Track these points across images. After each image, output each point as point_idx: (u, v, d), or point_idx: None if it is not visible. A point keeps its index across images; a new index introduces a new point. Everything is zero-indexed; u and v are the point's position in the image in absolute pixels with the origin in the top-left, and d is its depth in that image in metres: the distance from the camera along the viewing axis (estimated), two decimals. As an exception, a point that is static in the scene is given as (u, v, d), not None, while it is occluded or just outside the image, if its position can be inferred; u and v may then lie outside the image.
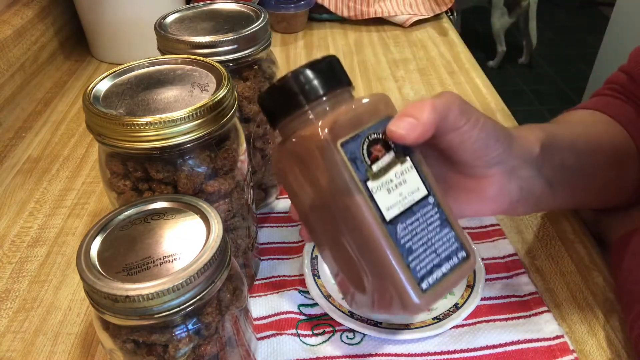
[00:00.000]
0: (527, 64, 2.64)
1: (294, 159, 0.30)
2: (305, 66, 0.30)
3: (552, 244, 0.47)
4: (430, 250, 0.30)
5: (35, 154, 0.62)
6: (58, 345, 0.41)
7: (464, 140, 0.32)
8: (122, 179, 0.34)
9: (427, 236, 0.30)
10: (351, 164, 0.28)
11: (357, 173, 0.28)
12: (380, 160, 0.29)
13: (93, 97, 0.33)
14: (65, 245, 0.50)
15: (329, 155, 0.28)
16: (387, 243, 0.29)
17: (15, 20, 0.71)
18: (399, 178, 0.30)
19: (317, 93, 0.30)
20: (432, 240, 0.30)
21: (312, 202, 0.31)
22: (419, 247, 0.30)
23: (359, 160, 0.29)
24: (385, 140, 0.30)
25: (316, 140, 0.28)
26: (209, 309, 0.29)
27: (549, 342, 0.38)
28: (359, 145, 0.29)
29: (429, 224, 0.30)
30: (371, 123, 0.30)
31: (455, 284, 0.31)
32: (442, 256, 0.30)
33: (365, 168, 0.29)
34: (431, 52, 0.83)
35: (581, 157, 0.41)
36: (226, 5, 0.48)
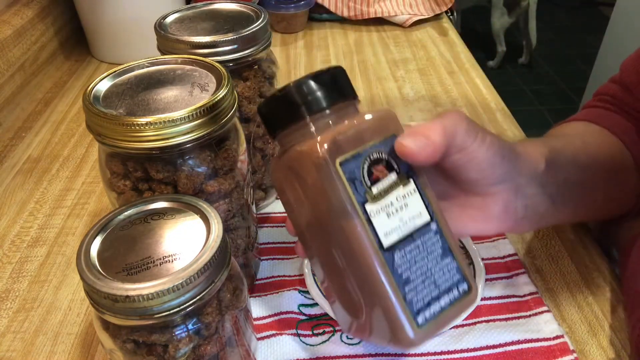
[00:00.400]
0: (527, 64, 2.64)
1: (291, 172, 0.29)
2: (308, 76, 0.28)
3: (552, 244, 0.47)
4: (429, 281, 0.28)
5: (35, 154, 0.62)
6: (58, 345, 0.41)
7: (471, 159, 0.31)
8: (122, 179, 0.34)
9: (427, 266, 0.28)
10: (349, 185, 0.27)
11: (355, 194, 0.27)
12: (382, 181, 0.28)
13: (93, 97, 0.33)
14: (65, 245, 0.50)
15: (326, 173, 0.27)
16: (383, 271, 0.27)
17: (15, 20, 0.71)
18: (400, 202, 0.28)
19: (319, 105, 0.28)
20: (431, 271, 0.28)
21: (308, 219, 0.30)
22: (417, 277, 0.28)
23: (358, 180, 0.27)
24: (389, 161, 0.28)
25: (314, 157, 0.27)
26: (209, 309, 0.29)
27: (549, 342, 0.38)
28: (359, 165, 0.27)
29: (430, 253, 0.28)
30: (375, 141, 0.28)
31: (453, 319, 0.29)
32: (441, 288, 0.28)
33: (364, 190, 0.27)
34: (431, 52, 0.83)
35: (582, 171, 0.40)
36: (226, 5, 0.48)
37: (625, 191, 0.45)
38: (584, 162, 0.41)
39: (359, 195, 0.27)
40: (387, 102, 0.70)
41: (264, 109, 0.31)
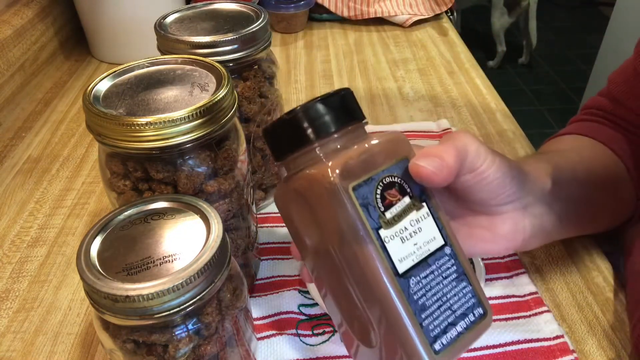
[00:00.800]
0: (527, 64, 2.64)
1: (299, 197, 0.28)
2: (316, 100, 0.28)
3: (552, 244, 0.47)
4: (445, 306, 0.27)
5: (35, 154, 0.62)
6: (58, 345, 0.41)
7: (480, 180, 0.31)
8: (122, 179, 0.34)
9: (442, 291, 0.27)
10: (363, 210, 0.26)
11: (368, 220, 0.26)
12: (395, 206, 0.27)
13: (93, 97, 0.33)
14: (65, 245, 0.50)
15: (338, 199, 0.26)
16: (399, 299, 0.26)
17: (15, 20, 0.71)
18: (414, 226, 0.27)
19: (328, 129, 0.27)
20: (447, 296, 0.28)
21: (316, 246, 0.29)
22: (433, 303, 0.27)
23: (371, 206, 0.26)
24: (401, 184, 0.28)
25: (325, 182, 0.26)
26: (209, 309, 0.29)
27: (549, 342, 0.38)
28: (372, 190, 0.26)
29: (445, 277, 0.28)
30: (386, 165, 0.27)
31: (469, 344, 0.28)
32: (457, 313, 0.28)
33: (378, 215, 0.26)
34: (431, 52, 0.83)
35: (582, 186, 0.41)
36: (226, 5, 0.48)
37: (620, 201, 0.46)
38: (582, 176, 0.41)
39: (372, 221, 0.26)
40: (387, 102, 0.70)
41: (271, 133, 0.30)
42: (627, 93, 0.48)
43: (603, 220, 0.46)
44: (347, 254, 0.27)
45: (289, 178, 0.29)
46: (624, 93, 0.48)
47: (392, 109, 0.69)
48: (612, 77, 0.50)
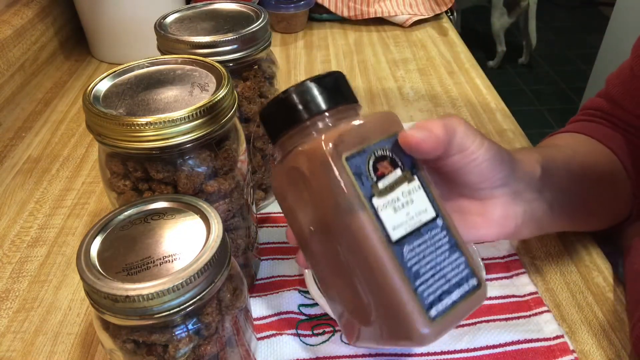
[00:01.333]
0: (526, 64, 2.64)
1: (293, 174, 0.29)
2: (309, 80, 0.29)
3: (552, 244, 0.47)
4: (439, 275, 0.28)
5: (35, 154, 0.62)
6: (58, 345, 0.41)
7: (470, 162, 0.32)
8: (122, 179, 0.34)
9: (436, 260, 0.28)
10: (356, 179, 0.27)
11: (361, 189, 0.27)
12: (387, 177, 0.28)
13: (93, 97, 0.33)
14: (65, 245, 0.50)
15: (332, 169, 0.26)
16: (393, 265, 0.26)
17: (15, 20, 0.71)
18: (406, 197, 0.28)
19: (319, 108, 0.29)
20: (441, 265, 0.28)
21: (311, 224, 0.29)
22: (427, 271, 0.27)
23: (364, 175, 0.27)
24: (393, 158, 0.28)
25: (319, 154, 0.27)
26: (209, 309, 0.29)
27: (549, 342, 0.38)
28: (364, 161, 0.27)
29: (437, 248, 0.28)
30: (378, 139, 0.28)
31: (465, 315, 0.28)
32: (452, 282, 0.28)
33: (370, 184, 0.27)
34: (431, 52, 0.83)
35: (575, 178, 0.41)
36: (226, 5, 0.48)
37: (617, 199, 0.46)
38: (576, 169, 0.41)
39: (365, 190, 0.27)
40: (387, 102, 0.70)
41: (265, 114, 0.31)
42: (624, 94, 0.48)
43: (600, 217, 0.46)
44: (341, 223, 0.27)
45: (284, 157, 0.29)
46: (621, 94, 0.48)
47: (392, 109, 0.68)
48: (610, 79, 0.50)
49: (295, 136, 0.29)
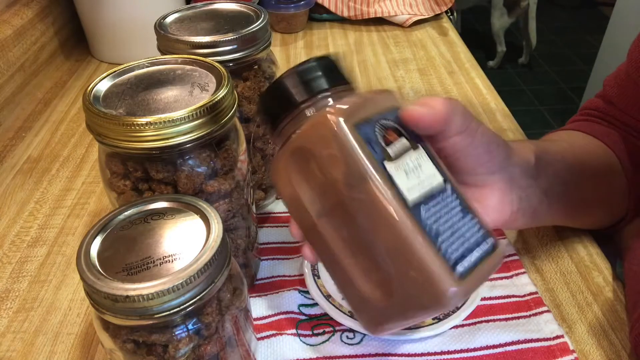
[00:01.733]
0: (526, 64, 2.64)
1: (298, 156, 0.28)
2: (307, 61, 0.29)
3: (552, 244, 0.47)
4: (457, 234, 0.27)
5: (35, 154, 0.62)
6: (58, 345, 0.41)
7: (467, 144, 0.32)
8: (122, 179, 0.34)
9: (452, 220, 0.27)
10: (367, 145, 0.26)
11: (374, 154, 0.26)
12: (395, 144, 0.28)
13: (93, 97, 0.33)
14: (65, 245, 0.50)
15: (342, 138, 0.26)
16: (413, 226, 0.26)
17: (15, 20, 0.71)
18: (414, 163, 0.28)
19: (320, 87, 0.29)
20: (457, 225, 0.27)
21: (321, 205, 0.29)
22: (447, 229, 0.27)
23: (373, 142, 0.27)
24: (397, 128, 0.28)
25: (328, 125, 0.26)
26: (209, 309, 0.29)
27: (549, 342, 0.38)
28: (372, 129, 0.27)
29: (451, 209, 0.28)
30: (381, 111, 0.28)
31: (488, 275, 0.28)
32: (471, 241, 0.27)
33: (381, 149, 0.27)
34: (431, 52, 0.83)
35: (570, 169, 0.41)
36: (226, 5, 0.48)
37: (613, 193, 0.46)
38: (571, 161, 0.42)
39: (377, 154, 0.26)
40: (387, 102, 0.70)
41: (264, 102, 0.31)
42: (620, 96, 0.49)
43: (596, 211, 0.46)
44: (357, 193, 0.26)
45: (286, 142, 0.29)
46: (618, 96, 0.49)
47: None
48: (607, 81, 0.51)
49: (296, 119, 0.29)
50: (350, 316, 0.40)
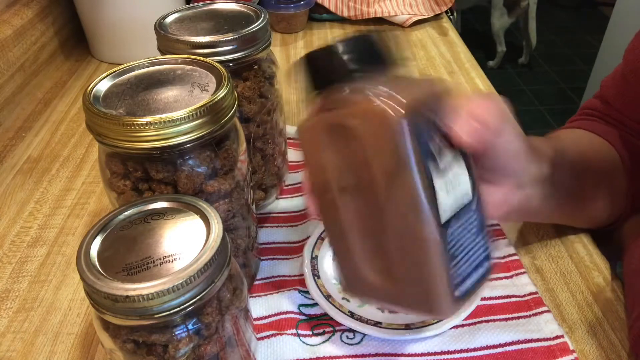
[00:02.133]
0: (526, 64, 2.64)
1: (340, 131, 0.27)
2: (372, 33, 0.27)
3: (552, 244, 0.47)
4: (467, 257, 0.28)
5: (35, 154, 0.62)
6: (58, 345, 0.41)
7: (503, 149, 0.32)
8: (122, 179, 0.34)
9: (467, 242, 0.28)
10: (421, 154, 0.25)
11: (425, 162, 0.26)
12: (445, 156, 0.27)
13: (93, 97, 0.33)
14: (65, 245, 0.50)
15: (401, 139, 0.25)
16: (438, 246, 0.26)
17: (15, 20, 0.71)
18: (455, 179, 0.28)
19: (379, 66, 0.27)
20: (469, 247, 0.28)
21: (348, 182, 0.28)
22: (460, 253, 0.28)
23: (426, 149, 0.26)
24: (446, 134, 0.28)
25: (388, 120, 0.25)
26: (209, 309, 0.29)
27: (549, 342, 0.38)
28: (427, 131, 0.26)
29: (469, 231, 0.28)
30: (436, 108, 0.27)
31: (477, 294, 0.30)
32: (474, 264, 0.29)
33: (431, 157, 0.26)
34: (431, 52, 0.83)
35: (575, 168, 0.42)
36: (226, 5, 0.48)
37: (615, 191, 0.46)
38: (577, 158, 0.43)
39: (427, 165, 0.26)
40: (387, 102, 0.70)
41: (315, 57, 0.28)
42: (616, 96, 0.49)
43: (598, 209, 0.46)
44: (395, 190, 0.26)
45: (329, 111, 0.28)
46: (614, 96, 0.50)
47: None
48: (605, 82, 0.52)
49: (348, 91, 0.27)
50: (350, 316, 0.40)
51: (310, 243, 0.46)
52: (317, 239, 0.47)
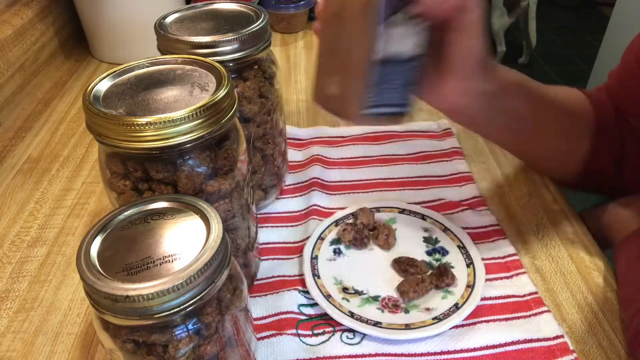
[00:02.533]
0: (526, 64, 2.64)
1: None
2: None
3: (552, 244, 0.47)
4: (385, 93, 0.36)
5: (35, 154, 0.62)
6: (58, 345, 0.41)
7: (468, 47, 0.36)
8: (122, 179, 0.34)
9: (390, 84, 0.36)
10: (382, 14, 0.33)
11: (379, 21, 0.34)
12: (400, 22, 0.35)
13: (93, 97, 0.33)
14: (65, 245, 0.50)
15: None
16: (367, 72, 0.34)
17: (15, 20, 0.71)
18: (401, 39, 0.35)
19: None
20: (390, 88, 0.36)
21: (337, 9, 0.36)
22: (381, 86, 0.36)
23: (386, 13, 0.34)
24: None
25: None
26: (209, 309, 0.29)
27: (549, 342, 0.38)
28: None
29: (396, 78, 0.36)
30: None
31: (384, 123, 0.44)
32: (388, 102, 0.37)
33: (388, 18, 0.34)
34: (431, 52, 0.83)
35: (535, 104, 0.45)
36: (226, 5, 0.48)
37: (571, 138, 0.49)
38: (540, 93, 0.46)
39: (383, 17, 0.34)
40: (387, 102, 0.70)
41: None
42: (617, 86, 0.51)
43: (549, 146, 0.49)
44: (355, 27, 0.35)
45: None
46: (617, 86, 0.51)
47: None
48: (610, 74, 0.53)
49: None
50: (350, 316, 0.40)
51: (310, 243, 0.46)
52: (317, 239, 0.47)
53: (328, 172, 0.56)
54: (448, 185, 0.54)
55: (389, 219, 0.50)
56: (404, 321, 0.40)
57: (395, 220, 0.50)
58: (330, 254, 0.46)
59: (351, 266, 0.45)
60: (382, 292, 0.43)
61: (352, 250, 0.47)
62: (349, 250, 0.47)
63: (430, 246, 0.47)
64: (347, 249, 0.47)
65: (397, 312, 0.41)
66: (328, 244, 0.47)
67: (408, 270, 0.44)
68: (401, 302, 0.42)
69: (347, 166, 0.57)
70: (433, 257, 0.46)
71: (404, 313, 0.41)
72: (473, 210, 0.51)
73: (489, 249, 0.46)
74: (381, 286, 0.43)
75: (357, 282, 0.44)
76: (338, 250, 0.47)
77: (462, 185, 0.54)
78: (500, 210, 0.51)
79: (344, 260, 0.46)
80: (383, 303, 0.42)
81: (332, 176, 0.56)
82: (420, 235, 0.48)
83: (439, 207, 0.51)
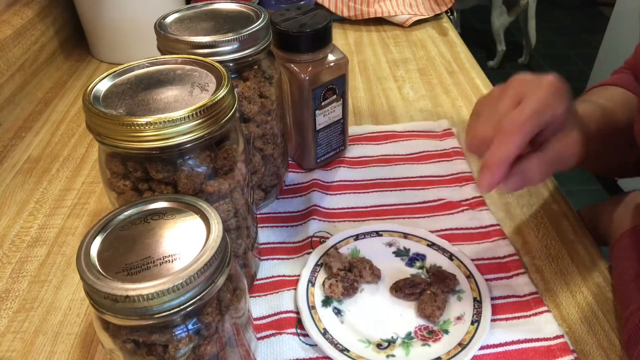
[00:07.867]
0: (526, 63, 2.64)
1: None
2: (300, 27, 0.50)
3: (552, 244, 0.47)
4: (328, 145, 0.56)
5: (35, 154, 0.62)
6: (58, 345, 0.41)
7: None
8: (122, 179, 0.34)
9: (331, 138, 0.56)
10: (313, 100, 0.51)
11: (313, 106, 0.52)
12: (328, 100, 0.53)
13: (93, 97, 0.33)
14: (65, 245, 0.50)
15: (306, 92, 0.51)
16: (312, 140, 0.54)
17: (15, 20, 0.71)
18: (332, 110, 0.54)
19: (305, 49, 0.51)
20: (332, 141, 0.56)
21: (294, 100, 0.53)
22: (325, 142, 0.56)
23: (318, 99, 0.52)
24: (334, 88, 0.52)
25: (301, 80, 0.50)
26: (209, 309, 0.29)
27: (549, 342, 0.38)
28: (320, 93, 0.51)
29: (334, 132, 0.56)
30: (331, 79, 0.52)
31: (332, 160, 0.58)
32: (332, 149, 0.57)
33: (318, 104, 0.52)
34: (431, 51, 0.83)
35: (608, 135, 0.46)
36: (226, 5, 0.48)
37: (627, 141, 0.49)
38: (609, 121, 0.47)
39: (315, 105, 0.52)
40: (387, 102, 0.70)
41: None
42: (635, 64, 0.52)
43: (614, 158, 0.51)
44: (299, 112, 0.53)
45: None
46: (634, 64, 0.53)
47: (392, 109, 0.69)
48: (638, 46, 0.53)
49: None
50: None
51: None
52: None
53: (328, 172, 0.56)
54: (448, 185, 0.54)
55: (351, 251, 0.46)
56: (456, 341, 0.38)
57: (357, 250, 0.46)
58: (332, 317, 0.41)
59: (363, 319, 0.41)
60: (407, 326, 0.40)
61: (348, 302, 0.42)
62: (343, 304, 0.42)
63: (405, 257, 0.46)
64: (341, 303, 0.42)
65: (440, 336, 0.39)
66: (320, 304, 0.42)
67: (413, 292, 0.42)
68: (433, 326, 0.40)
69: (347, 166, 0.57)
70: (416, 266, 0.45)
71: (445, 334, 0.39)
72: (473, 210, 0.51)
73: (489, 249, 0.46)
74: (401, 322, 0.41)
75: (380, 331, 0.40)
76: (337, 311, 0.41)
77: (463, 185, 0.54)
78: (500, 210, 0.51)
79: (351, 316, 0.41)
80: (419, 336, 0.39)
81: (332, 176, 0.56)
82: (388, 251, 0.46)
83: (439, 207, 0.51)
